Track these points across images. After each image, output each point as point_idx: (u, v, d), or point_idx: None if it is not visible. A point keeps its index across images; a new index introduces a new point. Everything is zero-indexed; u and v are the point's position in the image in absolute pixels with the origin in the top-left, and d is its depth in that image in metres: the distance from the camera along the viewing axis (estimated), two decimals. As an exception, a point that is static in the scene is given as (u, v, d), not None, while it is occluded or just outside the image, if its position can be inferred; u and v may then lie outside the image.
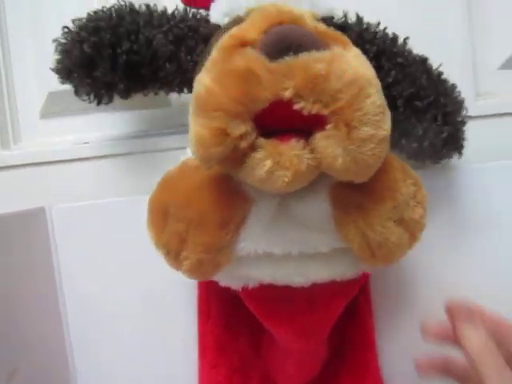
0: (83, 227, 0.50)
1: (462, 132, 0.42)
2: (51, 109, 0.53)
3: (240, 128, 0.28)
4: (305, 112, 0.28)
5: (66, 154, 0.52)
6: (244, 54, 0.28)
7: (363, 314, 0.47)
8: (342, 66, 0.28)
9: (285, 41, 0.28)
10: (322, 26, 0.32)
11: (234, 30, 0.31)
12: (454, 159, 0.44)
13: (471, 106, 0.45)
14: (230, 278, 0.37)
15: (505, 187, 0.48)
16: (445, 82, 0.42)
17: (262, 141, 0.29)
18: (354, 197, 0.33)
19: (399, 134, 0.40)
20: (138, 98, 0.45)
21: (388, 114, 0.30)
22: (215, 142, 0.28)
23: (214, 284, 0.39)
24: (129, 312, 0.50)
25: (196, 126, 0.29)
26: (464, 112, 0.42)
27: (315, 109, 0.28)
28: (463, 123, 0.42)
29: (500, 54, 0.51)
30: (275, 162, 0.28)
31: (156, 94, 0.45)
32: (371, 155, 0.29)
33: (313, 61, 0.28)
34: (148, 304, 0.49)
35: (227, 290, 0.39)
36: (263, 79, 0.27)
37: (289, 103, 0.28)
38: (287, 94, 0.27)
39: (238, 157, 0.29)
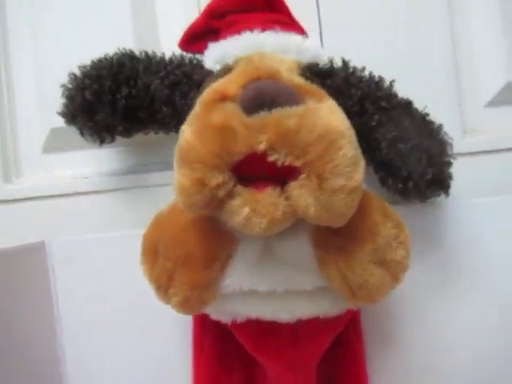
0: (82, 260, 0.51)
1: (448, 173, 0.42)
2: (53, 144, 0.54)
3: (217, 178, 0.30)
4: (278, 163, 0.30)
5: (66, 189, 0.53)
6: (222, 110, 0.31)
7: (354, 347, 0.47)
8: (313, 120, 0.30)
9: (261, 96, 0.31)
10: (299, 79, 0.34)
11: (217, 85, 0.33)
12: (442, 196, 0.44)
13: (458, 144, 0.46)
14: (218, 313, 0.39)
15: (492, 223, 0.48)
16: (430, 123, 0.43)
17: (240, 188, 0.31)
18: (335, 239, 0.34)
19: (385, 175, 0.42)
20: (139, 134, 0.47)
21: (361, 164, 0.32)
22: (195, 190, 0.30)
23: (208, 316, 0.40)
24: (124, 341, 0.51)
25: (178, 176, 0.31)
26: (450, 152, 0.42)
27: (288, 161, 0.30)
28: (449, 164, 0.42)
29: (486, 93, 0.52)
30: (252, 209, 0.30)
31: (156, 133, 0.47)
32: (343, 205, 0.30)
33: (285, 116, 0.30)
34: (143, 334, 0.51)
35: (219, 322, 0.40)
36: (239, 133, 0.30)
37: (263, 155, 0.30)
38: (261, 147, 0.29)
39: (217, 203, 0.31)
